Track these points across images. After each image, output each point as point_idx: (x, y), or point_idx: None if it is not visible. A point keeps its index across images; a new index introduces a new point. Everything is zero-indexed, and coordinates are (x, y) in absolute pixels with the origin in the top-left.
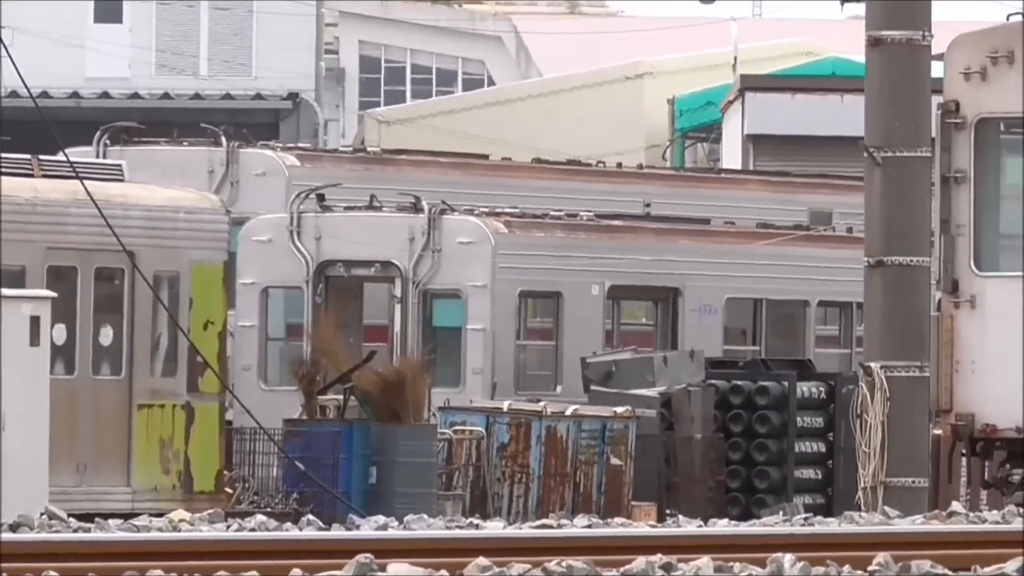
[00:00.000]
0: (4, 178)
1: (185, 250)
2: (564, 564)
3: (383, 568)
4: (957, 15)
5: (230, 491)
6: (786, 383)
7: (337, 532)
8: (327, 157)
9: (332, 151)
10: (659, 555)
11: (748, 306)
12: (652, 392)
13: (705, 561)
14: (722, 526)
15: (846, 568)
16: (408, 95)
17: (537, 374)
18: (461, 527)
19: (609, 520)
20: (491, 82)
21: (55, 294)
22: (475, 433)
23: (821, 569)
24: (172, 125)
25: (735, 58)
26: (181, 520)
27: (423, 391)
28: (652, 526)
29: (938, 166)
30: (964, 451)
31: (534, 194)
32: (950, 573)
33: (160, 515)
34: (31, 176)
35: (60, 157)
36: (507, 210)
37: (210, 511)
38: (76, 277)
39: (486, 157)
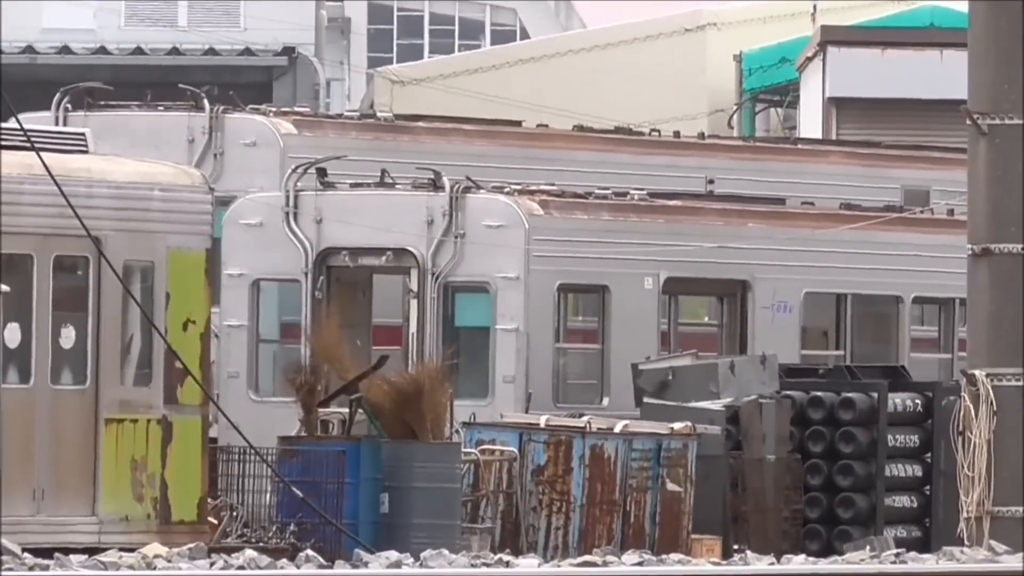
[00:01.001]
0: None
1: (161, 235)
2: None
3: None
4: None
5: (215, 521)
6: (875, 394)
7: (342, 570)
8: (329, 124)
9: (335, 117)
10: None
11: (830, 303)
12: (716, 405)
13: None
14: (799, 563)
15: None
16: (426, 50)
17: (580, 383)
18: (489, 565)
19: (665, 557)
20: (525, 35)
21: (6, 288)
22: (506, 454)
23: None
24: (145, 86)
25: (814, 6)
26: (156, 556)
27: (444, 403)
28: (716, 563)
29: None
30: None
31: (576, 168)
32: None
33: (131, 550)
34: None
35: (12, 124)
36: (544, 187)
37: (191, 545)
38: (31, 267)
39: (519, 124)
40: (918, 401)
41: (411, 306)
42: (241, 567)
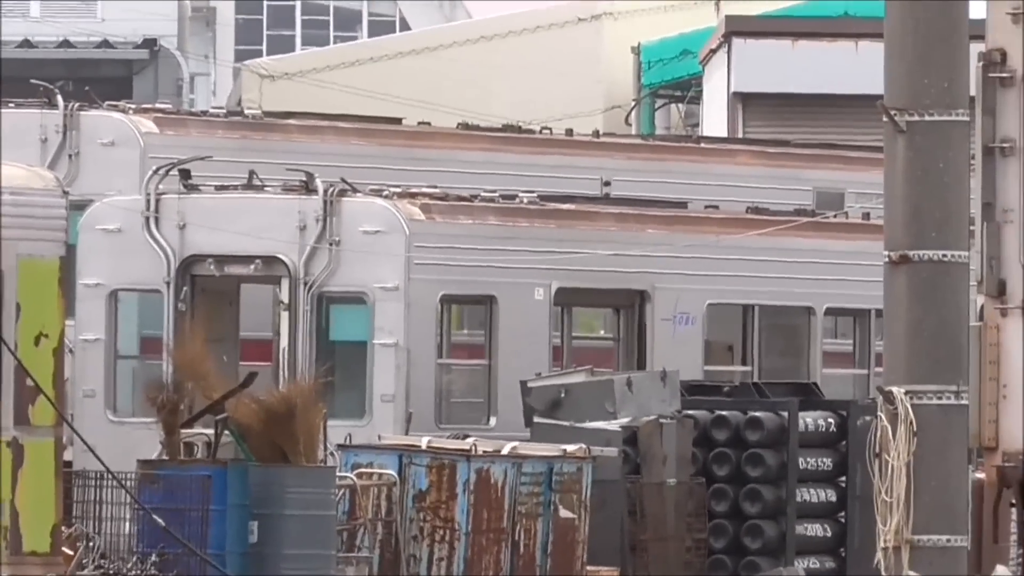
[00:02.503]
0: None
1: (10, 242)
2: None
3: None
4: None
5: (70, 552)
6: (785, 413)
7: None
8: (193, 122)
9: (200, 114)
10: None
11: (736, 314)
12: (613, 425)
13: None
14: None
15: None
16: (298, 42)
17: (465, 402)
18: None
19: None
20: (405, 26)
21: None
22: (385, 478)
23: None
24: None
25: None
26: None
27: (317, 424)
28: None
29: (979, 134)
30: (1013, 500)
31: (461, 169)
32: None
33: None
34: None
35: None
36: (426, 190)
37: None
38: None
39: (399, 122)
40: (831, 420)
41: (282, 318)
42: None
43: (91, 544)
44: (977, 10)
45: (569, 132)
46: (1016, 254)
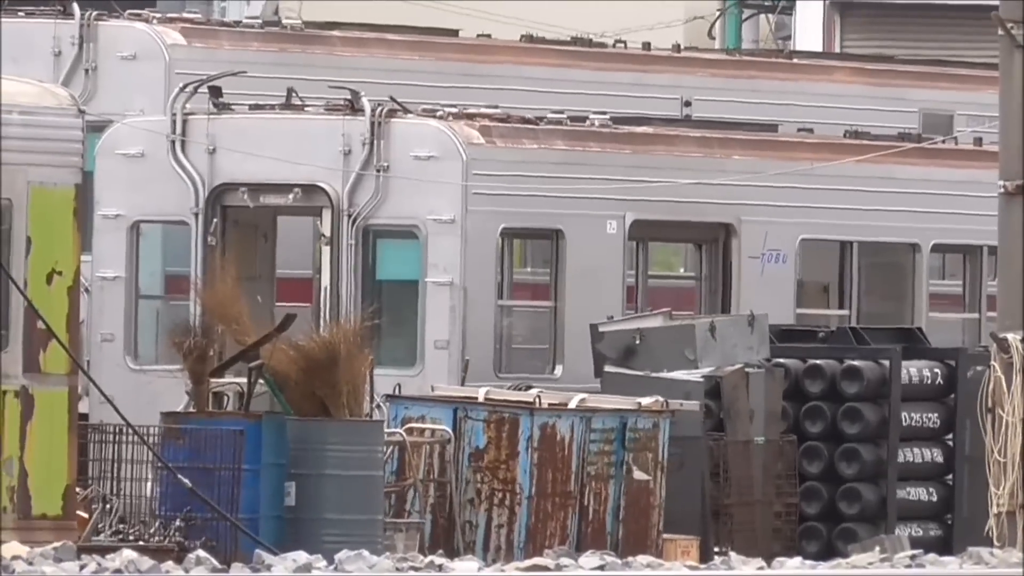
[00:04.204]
0: None
1: (20, 168)
2: None
3: None
4: None
5: (85, 515)
6: (887, 363)
7: (239, 574)
8: (225, 33)
9: (232, 24)
10: None
11: (832, 252)
12: (693, 375)
13: None
14: (793, 568)
15: None
16: None
17: (528, 348)
18: (418, 569)
19: (631, 560)
20: None
21: None
22: (438, 434)
23: None
24: None
25: None
26: (15, 557)
27: (363, 373)
28: (692, 568)
29: None
30: None
31: (524, 87)
32: None
33: None
34: None
35: None
36: (485, 111)
37: (56, 544)
38: None
39: (455, 33)
40: (938, 371)
41: (323, 254)
42: (117, 571)
43: (108, 507)
44: None
45: (646, 46)
46: None
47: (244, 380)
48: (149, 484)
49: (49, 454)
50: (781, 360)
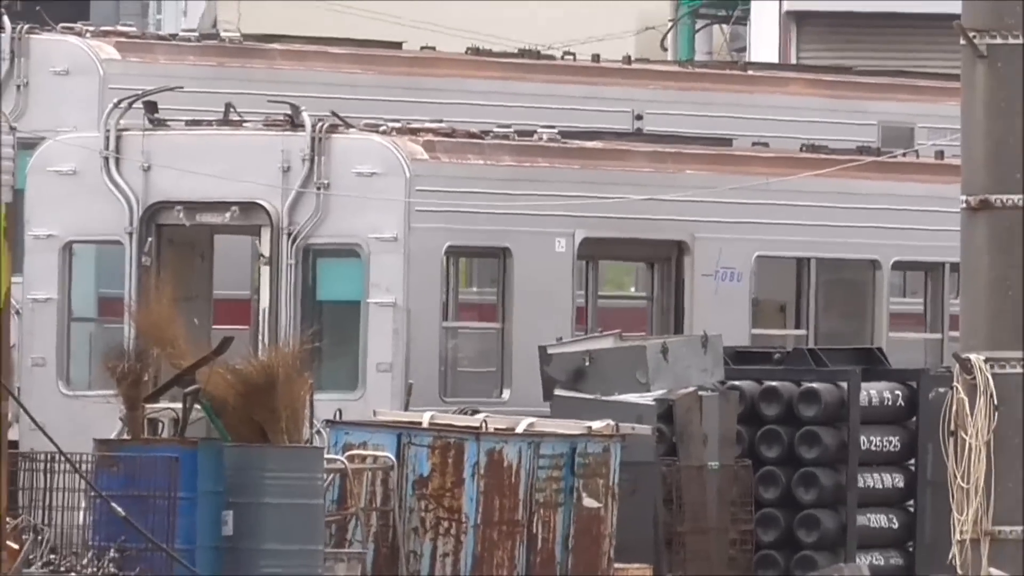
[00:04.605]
0: None
1: None
2: None
3: None
4: None
5: (15, 546)
6: (845, 385)
7: None
8: (161, 47)
9: (169, 38)
10: None
11: (789, 269)
12: (645, 398)
13: None
14: None
15: None
16: None
17: (474, 371)
18: None
19: None
20: None
21: None
22: (381, 461)
23: None
24: None
25: None
26: None
27: (303, 397)
28: None
29: None
30: None
31: (470, 101)
32: None
33: None
34: None
35: None
36: (429, 125)
37: None
38: None
39: (398, 46)
40: (899, 393)
41: (262, 274)
42: None
43: (40, 537)
44: None
45: (596, 58)
46: None
47: (180, 405)
48: (82, 513)
49: None
50: (736, 382)
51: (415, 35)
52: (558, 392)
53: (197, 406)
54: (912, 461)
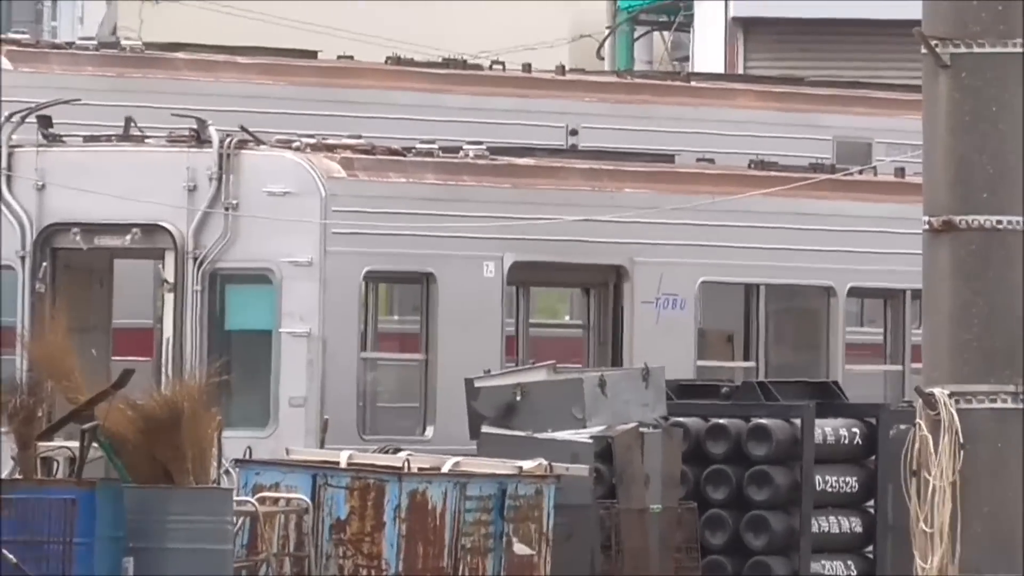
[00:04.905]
0: None
1: None
2: None
3: None
4: None
5: None
6: (798, 421)
7: None
8: (56, 56)
9: (65, 46)
10: None
11: (737, 296)
12: (582, 436)
13: None
14: None
15: None
16: None
17: (395, 406)
18: None
19: None
20: None
21: None
22: (294, 503)
23: None
24: None
25: None
26: None
27: (210, 435)
28: None
29: None
30: None
31: (390, 115)
32: None
33: None
34: None
35: None
36: (346, 141)
37: None
38: None
39: (313, 55)
40: (857, 430)
41: (166, 302)
42: None
43: None
44: None
45: (527, 68)
46: None
47: (76, 444)
48: None
49: None
50: (680, 418)
51: (331, 43)
52: (486, 429)
53: (95, 444)
54: (871, 503)
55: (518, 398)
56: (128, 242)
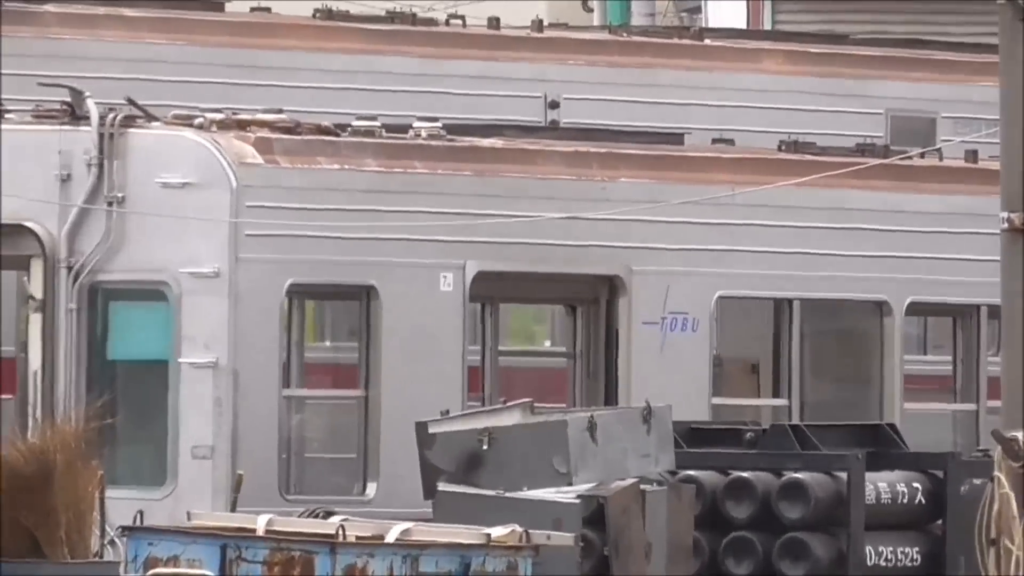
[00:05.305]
0: None
1: None
2: None
3: None
4: None
5: None
6: (844, 475)
7: None
8: None
9: None
10: None
11: (764, 314)
12: (566, 495)
13: None
14: None
15: None
16: None
17: (327, 458)
18: None
19: None
20: None
21: None
22: None
23: None
24: None
25: None
26: None
27: (90, 494)
28: None
29: None
30: None
31: (320, 84)
32: None
33: None
34: None
35: None
36: (264, 117)
37: None
38: None
39: (220, 7)
40: (919, 486)
41: (32, 324)
42: None
43: None
44: None
45: (494, 24)
46: None
47: None
48: None
49: None
50: (692, 472)
51: None
52: (444, 487)
53: None
54: None
55: (485, 447)
56: None
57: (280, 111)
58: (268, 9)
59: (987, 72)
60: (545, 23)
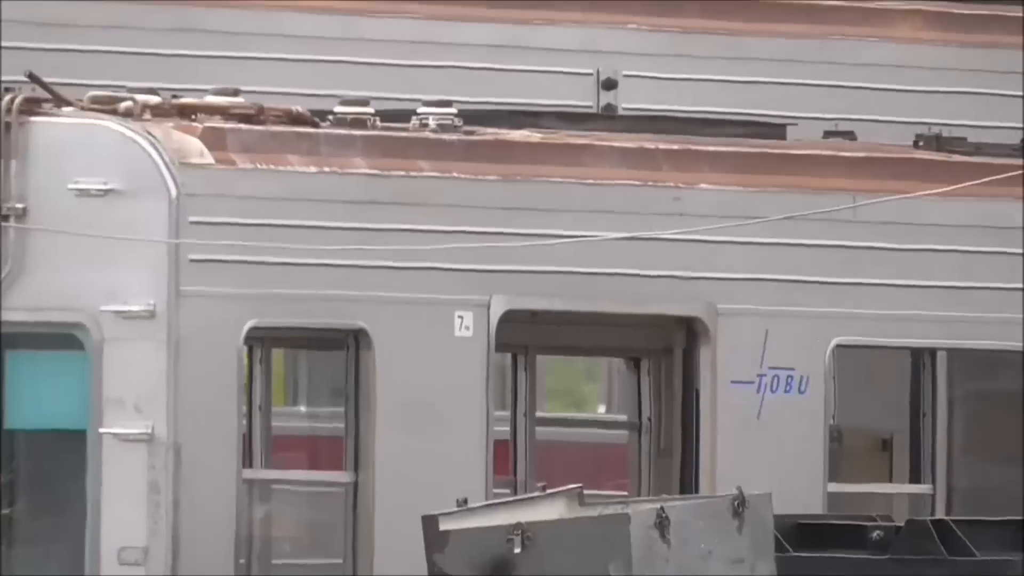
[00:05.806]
0: None
1: None
2: None
3: None
4: None
5: None
6: None
7: None
8: None
9: None
10: None
11: (897, 368)
12: None
13: None
14: None
15: None
16: None
17: (302, 564)
18: None
19: None
20: None
21: None
22: None
23: None
24: None
25: None
26: None
27: None
28: None
29: None
30: None
31: (291, 55)
32: None
33: None
34: None
35: None
36: (215, 100)
37: None
38: None
39: None
40: None
41: None
42: None
43: None
44: None
45: None
46: None
47: None
48: None
49: None
50: None
51: None
52: None
53: None
54: None
55: (517, 550)
56: None
57: (237, 92)
58: None
59: None
60: None
